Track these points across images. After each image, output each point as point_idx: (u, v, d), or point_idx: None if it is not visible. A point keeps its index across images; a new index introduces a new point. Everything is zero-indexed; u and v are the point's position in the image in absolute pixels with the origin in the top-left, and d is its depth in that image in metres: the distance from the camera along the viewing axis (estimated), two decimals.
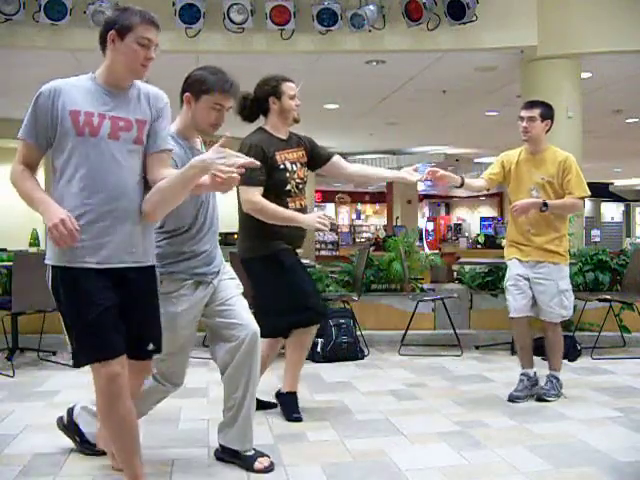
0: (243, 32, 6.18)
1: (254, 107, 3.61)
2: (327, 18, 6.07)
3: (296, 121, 3.65)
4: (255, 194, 3.44)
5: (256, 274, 3.61)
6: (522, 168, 4.03)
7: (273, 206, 3.45)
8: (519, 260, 4.00)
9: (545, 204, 3.80)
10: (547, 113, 3.99)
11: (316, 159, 3.77)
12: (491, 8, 6.29)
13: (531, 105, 4.02)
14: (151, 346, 2.47)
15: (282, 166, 3.54)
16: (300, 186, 3.64)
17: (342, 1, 6.09)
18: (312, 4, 6.08)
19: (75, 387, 4.37)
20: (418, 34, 6.33)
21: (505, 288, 4.10)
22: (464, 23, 6.11)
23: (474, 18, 6.07)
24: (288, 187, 3.55)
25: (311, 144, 3.78)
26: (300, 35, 6.26)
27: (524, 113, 4.00)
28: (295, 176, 3.61)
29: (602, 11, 6.51)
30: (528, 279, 3.97)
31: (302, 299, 3.52)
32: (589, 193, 3.93)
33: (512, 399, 3.99)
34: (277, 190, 3.50)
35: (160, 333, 2.51)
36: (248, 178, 3.27)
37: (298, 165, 3.64)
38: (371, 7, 6.10)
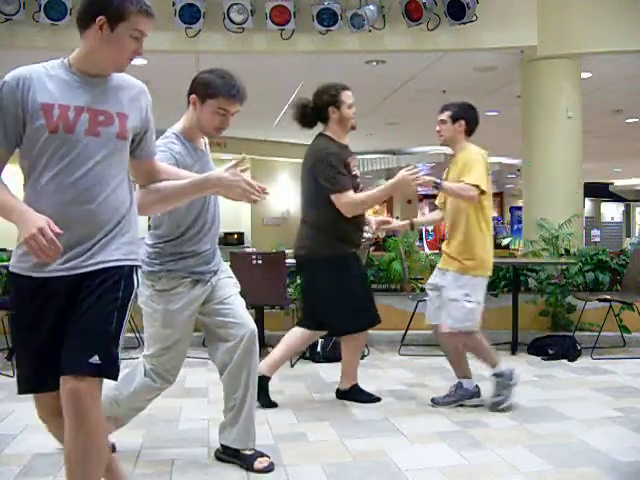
0: (243, 32, 6.18)
1: (314, 115, 3.74)
2: (327, 18, 6.07)
3: (353, 128, 3.83)
4: (352, 195, 3.64)
5: (321, 275, 3.74)
6: (449, 174, 3.95)
7: (368, 193, 3.73)
8: (437, 268, 3.97)
9: (437, 182, 3.69)
10: (459, 114, 3.87)
11: None
12: (491, 8, 6.29)
13: (443, 108, 3.95)
14: (96, 359, 1.93)
15: (353, 172, 3.72)
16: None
17: (342, 1, 6.09)
18: (312, 4, 6.08)
19: None
20: (418, 34, 6.34)
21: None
22: (464, 23, 6.11)
23: (474, 18, 6.07)
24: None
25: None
26: (300, 35, 6.27)
27: (438, 116, 3.96)
28: (359, 182, 3.79)
29: (602, 11, 6.51)
30: (439, 288, 3.89)
31: (364, 304, 3.75)
32: (478, 183, 3.66)
33: (433, 401, 3.92)
34: None
35: (111, 349, 2.00)
36: (339, 184, 3.56)
37: (358, 172, 3.85)
38: (371, 7, 6.10)
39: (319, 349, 5.20)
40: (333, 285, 3.68)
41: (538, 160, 6.96)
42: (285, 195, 15.26)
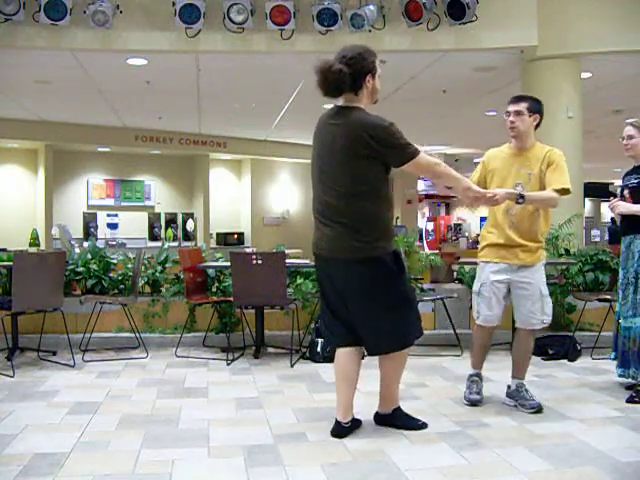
0: (243, 32, 6.18)
1: (347, 82, 3.16)
2: (327, 18, 6.07)
3: (375, 102, 3.27)
4: None
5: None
6: (507, 164, 3.84)
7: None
8: (502, 264, 3.83)
9: (522, 196, 3.57)
10: (536, 107, 3.83)
11: None
12: (491, 8, 6.30)
13: (518, 99, 3.85)
14: None
15: None
16: None
17: (342, 1, 6.10)
18: (312, 4, 6.08)
19: (75, 387, 4.36)
20: (418, 34, 6.34)
21: (478, 293, 3.94)
22: (464, 23, 6.11)
23: (474, 18, 6.08)
24: None
25: None
26: (300, 35, 6.27)
27: (511, 107, 3.83)
28: None
29: (602, 11, 6.52)
30: (508, 283, 3.85)
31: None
32: (569, 186, 3.67)
33: (474, 403, 3.92)
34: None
35: None
36: None
37: None
38: (371, 7, 6.10)
39: (319, 349, 5.20)
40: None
41: None
42: (285, 195, 15.27)
